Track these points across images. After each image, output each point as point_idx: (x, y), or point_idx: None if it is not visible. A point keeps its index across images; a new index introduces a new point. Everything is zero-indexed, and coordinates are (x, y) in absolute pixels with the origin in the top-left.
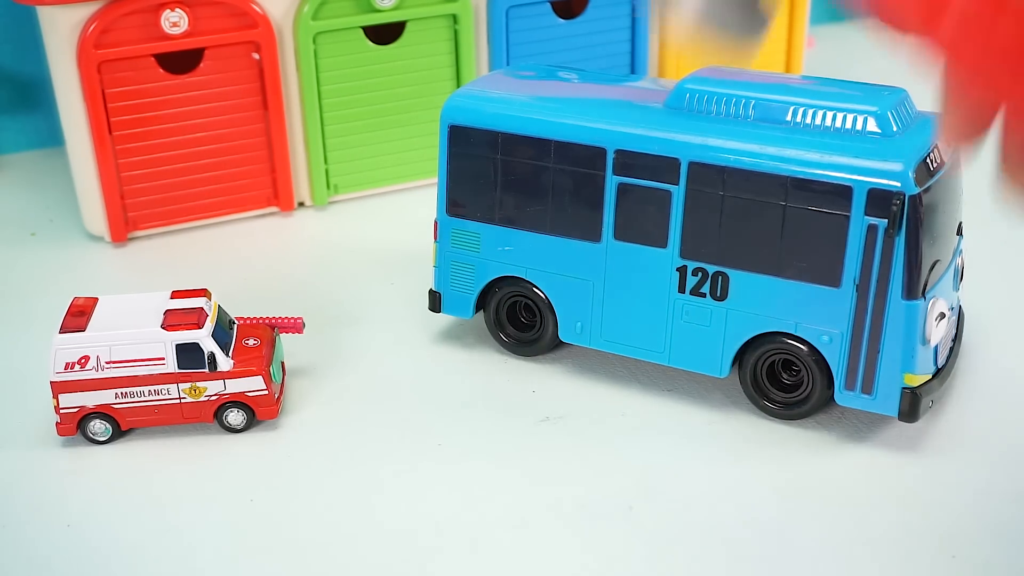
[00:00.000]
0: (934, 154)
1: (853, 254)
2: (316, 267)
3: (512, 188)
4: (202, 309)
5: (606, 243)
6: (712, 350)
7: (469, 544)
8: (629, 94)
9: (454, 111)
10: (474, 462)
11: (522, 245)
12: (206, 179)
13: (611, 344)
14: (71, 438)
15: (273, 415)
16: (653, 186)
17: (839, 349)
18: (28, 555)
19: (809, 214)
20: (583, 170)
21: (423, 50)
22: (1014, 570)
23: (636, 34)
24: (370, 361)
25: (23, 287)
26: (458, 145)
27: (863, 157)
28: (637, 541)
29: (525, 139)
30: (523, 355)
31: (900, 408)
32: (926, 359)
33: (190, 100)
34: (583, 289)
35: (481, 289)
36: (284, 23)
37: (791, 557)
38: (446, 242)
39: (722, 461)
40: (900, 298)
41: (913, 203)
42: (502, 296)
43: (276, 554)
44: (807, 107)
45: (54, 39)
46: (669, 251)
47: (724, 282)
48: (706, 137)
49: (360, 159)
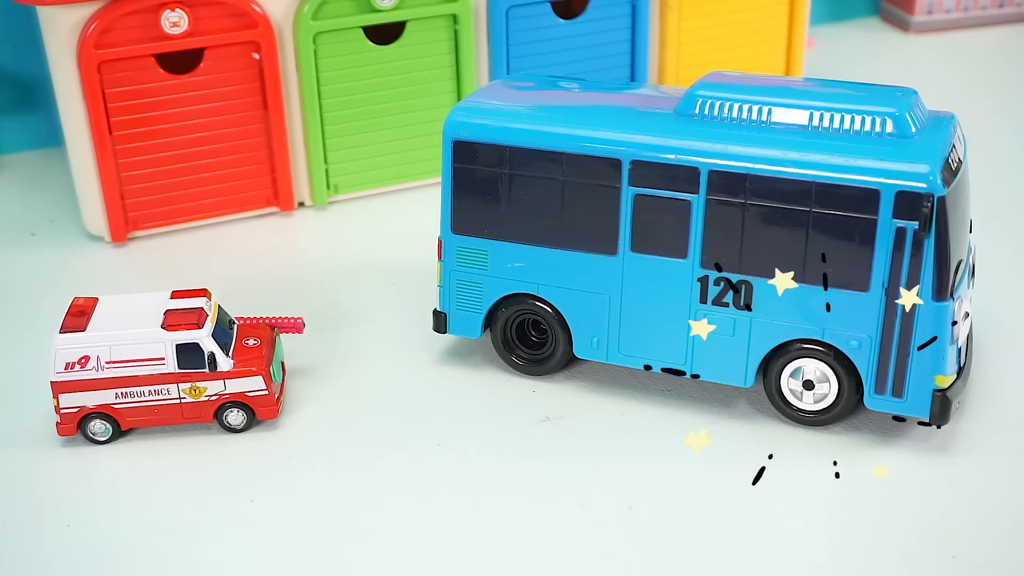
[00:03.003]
0: (954, 154)
1: (881, 258)
2: (316, 267)
3: (522, 203)
4: (202, 309)
5: (623, 256)
6: (736, 360)
7: (469, 544)
8: (636, 102)
9: (458, 126)
10: (474, 462)
11: (533, 261)
12: (206, 179)
13: (630, 358)
14: (71, 438)
15: (273, 415)
16: (671, 196)
17: (868, 354)
18: (28, 555)
19: (835, 219)
20: (597, 182)
21: (423, 50)
22: (1014, 570)
23: (636, 34)
24: (370, 361)
25: (23, 287)
26: (463, 161)
27: (888, 160)
28: (637, 541)
29: (535, 152)
30: (534, 375)
31: (931, 410)
32: (953, 360)
33: (190, 100)
34: (599, 304)
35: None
36: (284, 23)
37: (791, 557)
38: (451, 260)
39: (722, 461)
40: (930, 299)
41: (942, 204)
42: (510, 315)
43: (276, 554)
44: (824, 110)
45: (54, 39)
46: (689, 261)
47: (748, 291)
48: (726, 144)
49: (360, 159)
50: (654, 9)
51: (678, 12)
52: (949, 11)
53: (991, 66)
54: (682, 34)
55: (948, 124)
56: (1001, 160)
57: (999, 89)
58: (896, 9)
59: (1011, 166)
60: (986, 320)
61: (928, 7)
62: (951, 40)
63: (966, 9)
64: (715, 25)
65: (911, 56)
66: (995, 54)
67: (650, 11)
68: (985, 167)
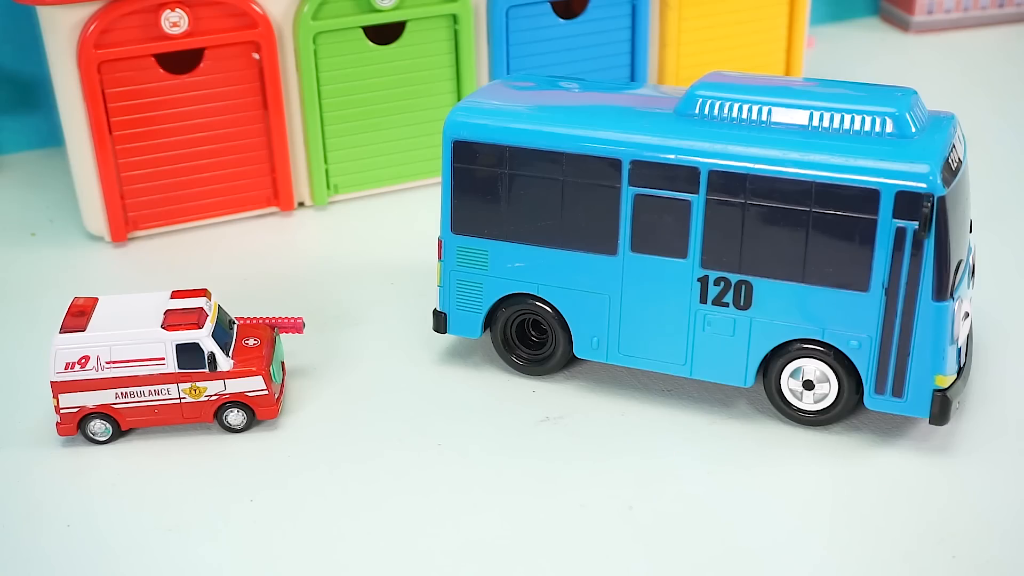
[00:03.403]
0: (954, 154)
1: (881, 258)
2: (316, 267)
3: (522, 203)
4: (202, 309)
5: (623, 256)
6: (736, 360)
7: (469, 544)
8: (636, 102)
9: (458, 126)
10: (474, 462)
11: (533, 261)
12: (206, 179)
13: (629, 359)
14: (71, 438)
15: (273, 415)
16: (671, 196)
17: (868, 354)
18: (28, 555)
19: (835, 219)
20: (597, 182)
21: (423, 50)
22: (1014, 570)
23: (636, 34)
24: (370, 361)
25: (23, 287)
26: (463, 161)
27: (888, 160)
28: (637, 541)
29: (535, 152)
30: (534, 375)
31: (931, 410)
32: (953, 359)
33: (190, 100)
34: (599, 303)
35: (490, 308)
36: (284, 23)
37: (791, 557)
38: (451, 260)
39: (722, 461)
40: (930, 300)
41: (942, 204)
42: (510, 315)
43: (276, 554)
44: (824, 110)
45: (54, 39)
46: (689, 261)
47: (748, 291)
48: (726, 144)
49: (360, 159)
50: (654, 9)
51: (678, 12)
52: (949, 11)
53: (991, 66)
54: (682, 34)
55: (948, 124)
56: (1001, 160)
57: (999, 89)
58: (896, 9)
59: (1011, 166)
60: (986, 320)
61: (928, 7)
62: (951, 40)
63: (966, 9)
64: (715, 25)
65: (911, 56)
66: (995, 54)
67: (650, 11)
68: (985, 167)
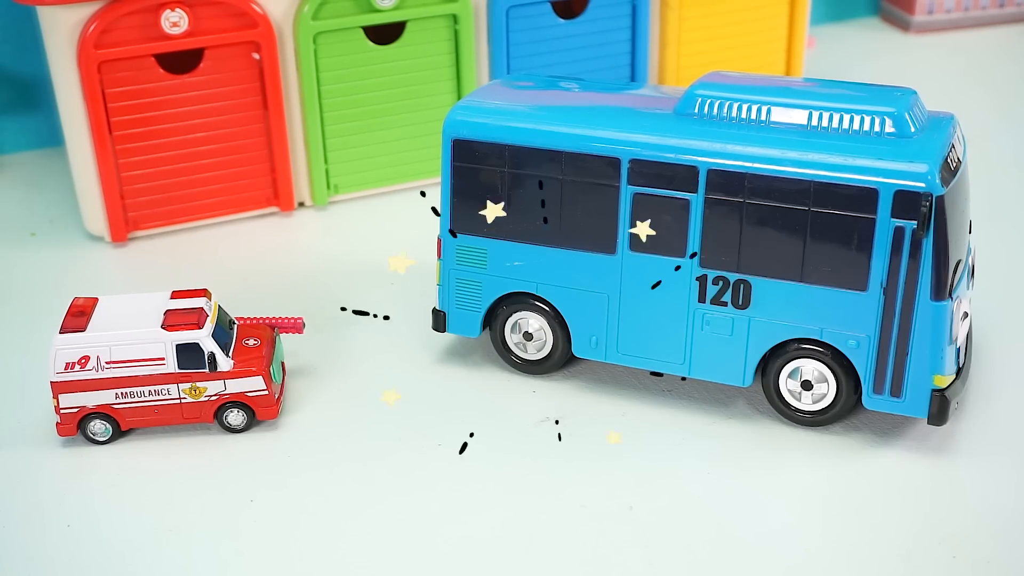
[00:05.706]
0: (952, 153)
1: (880, 257)
2: (316, 267)
3: (521, 202)
4: (202, 309)
5: (621, 255)
6: (735, 359)
7: (469, 544)
8: (635, 102)
9: (457, 125)
10: (474, 462)
11: (532, 260)
12: (206, 179)
13: (628, 358)
14: (71, 438)
15: (273, 415)
16: (670, 195)
17: (866, 353)
18: (28, 555)
19: (834, 218)
20: (596, 181)
21: (423, 50)
22: (1014, 570)
23: (636, 34)
24: (370, 361)
25: (23, 287)
26: (462, 159)
27: (887, 159)
28: (637, 541)
29: (535, 151)
30: (534, 373)
31: (930, 410)
32: (952, 359)
33: (190, 100)
34: (598, 302)
35: (489, 306)
36: (284, 23)
37: (791, 557)
38: (451, 259)
39: (722, 462)
40: (929, 299)
41: (940, 204)
42: (509, 314)
43: (276, 554)
44: (823, 110)
45: (54, 39)
46: (688, 261)
47: (746, 290)
48: (725, 144)
49: (360, 159)
50: (654, 9)
51: (678, 12)
52: (949, 11)
53: (991, 66)
54: (682, 34)
55: (948, 124)
56: (1001, 160)
57: (999, 89)
58: (896, 9)
59: (1011, 166)
60: (986, 320)
61: (928, 7)
62: (951, 40)
63: (966, 9)
64: (715, 25)
65: (911, 56)
66: (995, 54)
67: (650, 11)
68: (985, 167)
